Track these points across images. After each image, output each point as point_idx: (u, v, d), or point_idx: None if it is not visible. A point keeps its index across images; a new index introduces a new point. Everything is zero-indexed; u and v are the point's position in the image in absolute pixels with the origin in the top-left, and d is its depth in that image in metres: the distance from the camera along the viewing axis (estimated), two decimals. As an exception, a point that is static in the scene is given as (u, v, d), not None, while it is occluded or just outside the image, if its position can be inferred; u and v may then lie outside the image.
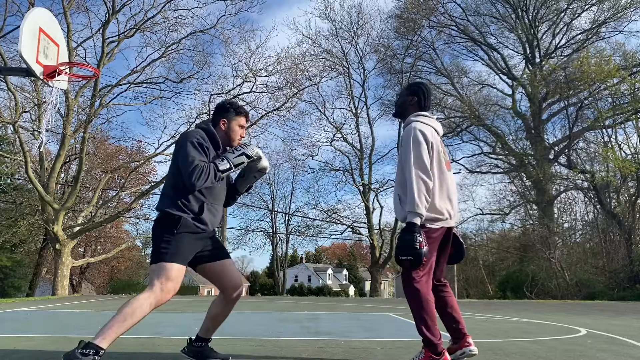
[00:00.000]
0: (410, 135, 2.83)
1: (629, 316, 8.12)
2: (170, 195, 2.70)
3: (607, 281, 20.18)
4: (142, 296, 2.49)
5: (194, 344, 2.91)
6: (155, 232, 2.69)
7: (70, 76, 6.56)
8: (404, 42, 28.58)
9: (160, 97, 19.85)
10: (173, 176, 2.74)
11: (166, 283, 2.53)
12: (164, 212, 2.69)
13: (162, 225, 2.66)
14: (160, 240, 2.61)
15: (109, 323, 2.40)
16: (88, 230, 19.57)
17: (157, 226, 2.71)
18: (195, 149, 2.65)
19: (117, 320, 2.41)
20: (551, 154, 26.48)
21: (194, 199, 2.70)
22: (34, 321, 5.77)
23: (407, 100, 3.04)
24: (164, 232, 2.62)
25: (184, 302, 10.39)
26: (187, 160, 2.62)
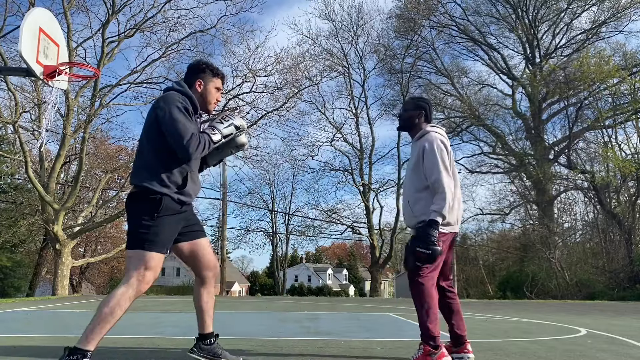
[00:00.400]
0: (434, 143, 3.02)
1: (629, 316, 8.12)
2: (150, 167, 2.47)
3: (607, 281, 20.18)
4: (118, 292, 2.34)
5: (201, 343, 2.73)
6: (132, 211, 2.46)
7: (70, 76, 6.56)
8: (404, 42, 28.61)
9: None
10: (151, 144, 2.50)
11: (144, 273, 2.38)
12: (141, 187, 2.45)
13: (140, 204, 2.44)
14: (138, 223, 2.41)
15: (90, 324, 2.30)
16: (88, 230, 19.57)
17: (133, 205, 2.47)
18: (184, 115, 2.46)
19: (98, 320, 2.29)
20: (551, 154, 26.50)
21: (179, 170, 2.51)
22: (34, 321, 5.77)
23: (414, 114, 3.21)
24: (143, 214, 2.41)
25: (184, 302, 10.39)
26: (179, 129, 2.41)
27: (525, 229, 27.49)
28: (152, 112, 2.53)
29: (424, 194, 3.01)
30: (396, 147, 28.37)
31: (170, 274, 46.04)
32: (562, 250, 24.21)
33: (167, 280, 43.57)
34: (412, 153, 3.20)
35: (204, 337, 2.73)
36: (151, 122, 2.52)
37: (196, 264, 2.71)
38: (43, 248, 24.93)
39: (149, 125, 2.53)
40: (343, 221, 29.23)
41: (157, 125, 2.48)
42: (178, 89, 2.61)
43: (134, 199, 2.49)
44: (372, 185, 28.10)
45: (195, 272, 2.75)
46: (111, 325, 2.33)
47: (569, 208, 26.70)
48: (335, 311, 8.22)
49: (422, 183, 3.03)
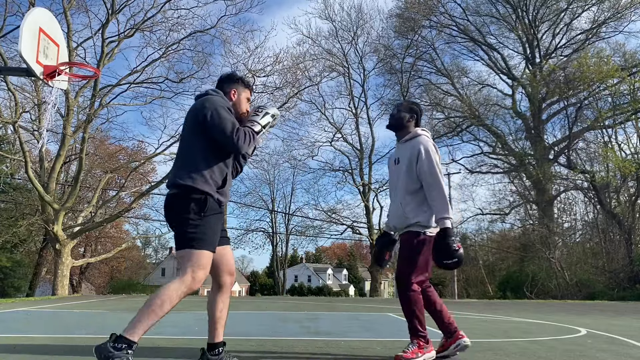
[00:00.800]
0: (429, 147, 3.14)
1: (629, 316, 8.12)
2: (193, 167, 2.52)
3: (607, 281, 20.18)
4: (172, 286, 2.38)
5: (210, 354, 2.67)
6: (177, 211, 2.50)
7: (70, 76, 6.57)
8: (404, 42, 28.62)
9: (160, 97, 19.87)
10: (195, 145, 2.57)
11: (197, 272, 2.42)
12: (186, 186, 2.49)
13: (185, 203, 2.48)
14: (186, 223, 2.45)
15: (138, 315, 2.31)
16: (88, 230, 19.57)
17: (179, 204, 2.50)
18: (229, 115, 2.59)
19: (147, 312, 2.31)
20: (551, 154, 26.50)
21: (219, 170, 2.59)
22: (34, 321, 5.76)
23: (406, 116, 3.31)
24: (190, 213, 2.45)
25: (183, 302, 10.37)
26: (227, 125, 2.53)
27: (525, 229, 27.51)
28: (196, 112, 2.60)
29: (414, 196, 3.11)
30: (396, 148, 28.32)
31: (171, 274, 46.04)
32: (562, 250, 24.22)
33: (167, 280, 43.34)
34: (401, 154, 3.28)
35: (213, 346, 2.69)
36: (195, 123, 2.59)
37: (218, 269, 2.72)
38: (43, 248, 24.92)
39: (192, 126, 2.61)
40: (343, 221, 29.25)
41: (202, 125, 2.55)
42: (216, 94, 2.72)
43: (178, 198, 2.52)
44: (372, 185, 28.10)
45: (215, 278, 2.75)
46: (158, 319, 2.35)
47: (569, 208, 26.74)
48: (335, 311, 8.22)
49: (414, 185, 3.12)
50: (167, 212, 2.57)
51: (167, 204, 2.58)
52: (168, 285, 2.39)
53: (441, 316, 3.21)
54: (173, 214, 2.53)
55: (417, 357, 3.00)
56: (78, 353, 3.26)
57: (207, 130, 2.54)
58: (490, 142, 29.02)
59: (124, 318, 6.23)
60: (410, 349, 3.01)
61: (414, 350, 3.01)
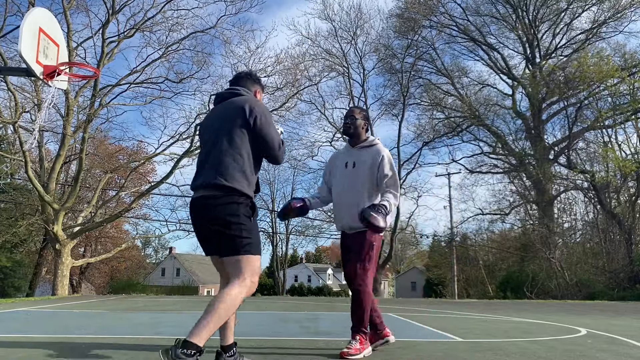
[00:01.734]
0: (389, 154, 3.46)
1: (629, 316, 8.12)
2: (239, 169, 2.48)
3: (607, 281, 20.18)
4: (234, 291, 2.35)
5: (226, 356, 2.65)
6: (225, 214, 2.42)
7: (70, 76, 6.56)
8: (404, 42, 28.60)
9: (160, 97, 19.87)
10: (240, 147, 2.50)
11: (254, 277, 2.43)
12: (233, 189, 2.44)
13: (233, 206, 2.43)
14: (237, 228, 2.42)
15: (204, 321, 2.27)
16: (88, 230, 19.56)
17: (225, 206, 2.43)
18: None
19: (214, 317, 2.28)
20: (551, 154, 26.50)
21: (256, 174, 2.59)
22: (34, 321, 5.76)
23: (364, 124, 3.54)
24: (240, 217, 2.43)
25: (183, 302, 10.39)
26: (276, 135, 2.55)
27: (525, 229, 27.50)
28: (243, 113, 2.54)
29: (373, 198, 3.36)
30: (396, 147, 28.35)
31: (170, 274, 46.03)
32: (562, 250, 24.20)
33: (167, 280, 43.57)
34: (358, 159, 3.45)
35: (228, 348, 2.67)
36: (242, 123, 2.53)
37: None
38: (43, 248, 24.91)
39: (237, 126, 2.53)
40: (343, 221, 29.14)
41: (248, 128, 2.52)
42: (249, 94, 2.73)
43: (222, 199, 2.45)
44: (372, 185, 28.04)
45: (226, 279, 2.70)
46: (222, 323, 2.37)
47: (568, 208, 26.73)
48: (335, 311, 8.22)
49: (374, 188, 3.38)
50: (207, 212, 2.48)
51: (206, 204, 2.48)
52: (229, 291, 2.36)
53: (375, 314, 3.49)
54: (217, 215, 2.44)
55: (360, 353, 3.18)
56: (78, 353, 3.26)
57: (255, 134, 2.52)
58: (490, 142, 29.05)
59: (125, 318, 6.23)
60: (355, 345, 3.19)
61: (357, 347, 3.19)
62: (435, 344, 3.97)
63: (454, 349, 3.68)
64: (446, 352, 3.51)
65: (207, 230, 2.52)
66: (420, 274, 47.53)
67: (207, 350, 3.44)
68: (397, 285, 52.67)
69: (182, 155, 18.42)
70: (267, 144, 2.55)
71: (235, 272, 2.41)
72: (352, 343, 3.21)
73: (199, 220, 2.54)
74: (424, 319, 6.63)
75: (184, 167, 19.33)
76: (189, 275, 43.94)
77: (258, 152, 2.58)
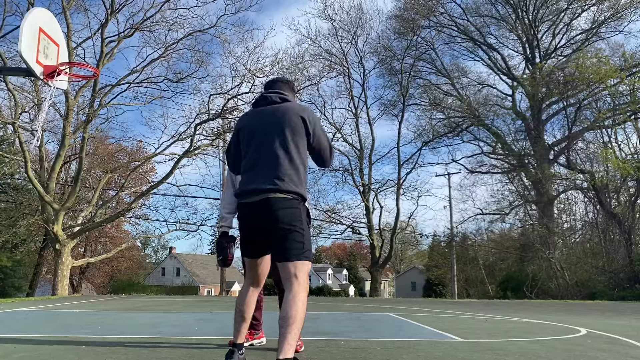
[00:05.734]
0: None
1: (629, 316, 8.13)
2: (298, 174, 2.50)
3: (607, 281, 20.19)
4: (301, 297, 2.36)
5: (239, 353, 2.66)
6: (290, 218, 2.42)
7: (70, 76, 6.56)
8: (403, 43, 28.60)
9: (160, 97, 19.86)
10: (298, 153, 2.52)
11: (308, 281, 2.49)
12: (298, 194, 2.46)
13: (296, 211, 2.45)
14: (300, 234, 2.43)
15: (290, 333, 2.25)
16: (88, 230, 19.56)
17: (291, 210, 2.43)
18: None
19: (297, 327, 2.29)
20: (551, 154, 26.51)
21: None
22: (34, 321, 5.76)
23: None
24: (302, 223, 2.45)
25: (183, 302, 10.39)
26: (329, 143, 2.61)
27: (524, 229, 27.51)
28: (302, 119, 2.58)
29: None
30: (396, 147, 28.37)
31: (170, 274, 46.03)
32: (562, 250, 24.21)
33: (167, 280, 43.56)
34: None
35: (240, 346, 2.70)
36: (304, 132, 2.57)
37: (264, 274, 2.77)
38: (43, 248, 24.90)
39: (299, 134, 2.56)
40: (343, 221, 29.21)
41: (306, 134, 2.57)
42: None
43: (288, 203, 2.44)
44: (372, 185, 28.10)
45: (257, 282, 2.76)
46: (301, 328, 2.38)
47: (568, 208, 26.74)
48: (335, 311, 8.22)
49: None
50: (272, 215, 2.44)
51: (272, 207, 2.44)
52: (297, 297, 2.35)
53: (259, 314, 3.76)
54: (283, 219, 2.42)
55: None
56: (78, 353, 3.26)
57: (313, 140, 2.57)
58: (490, 142, 29.07)
59: (125, 318, 6.23)
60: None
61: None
62: (435, 344, 3.97)
63: (454, 349, 3.68)
64: (446, 352, 3.51)
65: (264, 234, 2.51)
66: (420, 274, 47.53)
67: (209, 347, 3.44)
68: (397, 285, 52.67)
69: (182, 155, 18.41)
70: (322, 154, 2.63)
71: (295, 276, 2.41)
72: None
73: (259, 223, 2.50)
74: (424, 319, 6.63)
75: (183, 167, 19.33)
76: (189, 275, 43.93)
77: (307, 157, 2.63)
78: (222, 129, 19.06)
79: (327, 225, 30.15)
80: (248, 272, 2.73)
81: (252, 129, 2.65)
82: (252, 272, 2.72)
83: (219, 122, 19.11)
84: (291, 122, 2.56)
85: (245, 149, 2.65)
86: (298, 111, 2.61)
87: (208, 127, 18.98)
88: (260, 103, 2.75)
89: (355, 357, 3.29)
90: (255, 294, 2.75)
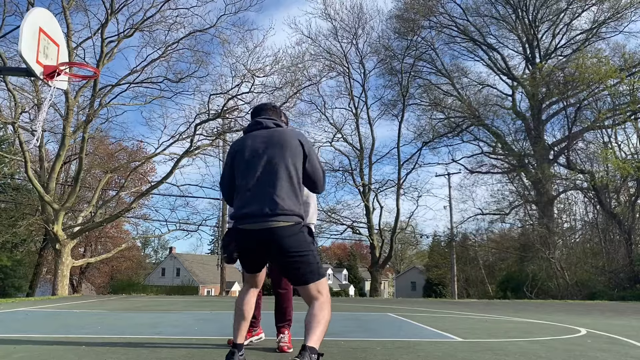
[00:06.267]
0: None
1: (629, 316, 8.13)
2: (297, 196, 2.58)
3: (607, 281, 20.19)
4: (328, 306, 2.55)
5: (239, 354, 2.64)
6: (300, 243, 2.51)
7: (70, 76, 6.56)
8: (403, 43, 28.59)
9: (160, 97, 19.86)
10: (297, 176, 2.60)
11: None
12: (301, 216, 2.56)
13: (303, 235, 2.54)
14: (312, 255, 2.53)
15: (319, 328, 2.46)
16: (88, 230, 19.56)
17: (300, 235, 2.52)
18: None
19: (325, 327, 2.50)
20: (551, 154, 26.51)
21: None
22: (34, 321, 5.76)
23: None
24: (311, 244, 2.56)
25: (183, 302, 10.39)
26: (322, 168, 2.72)
27: (525, 229, 27.52)
28: (300, 143, 2.65)
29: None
30: (396, 147, 28.36)
31: (170, 274, 46.03)
32: (562, 250, 24.21)
33: (167, 280, 43.55)
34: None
35: (239, 347, 2.68)
36: (301, 157, 2.63)
37: (262, 277, 2.87)
38: (43, 248, 24.90)
39: (298, 159, 2.63)
40: (343, 221, 29.20)
41: (305, 162, 2.65)
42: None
43: (296, 229, 2.52)
44: (372, 185, 28.09)
45: (257, 284, 2.84)
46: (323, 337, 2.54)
47: (568, 208, 26.74)
48: (335, 311, 8.21)
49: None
50: (279, 243, 2.49)
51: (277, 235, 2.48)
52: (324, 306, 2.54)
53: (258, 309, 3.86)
54: (291, 246, 2.49)
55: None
56: (78, 353, 3.26)
57: (308, 163, 2.64)
58: (490, 142, 29.06)
59: (125, 318, 6.23)
60: (287, 339, 3.56)
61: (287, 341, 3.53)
62: (435, 344, 3.97)
63: (454, 349, 3.68)
64: (446, 352, 3.51)
65: (266, 256, 2.64)
66: (420, 274, 47.51)
67: (209, 347, 3.44)
68: (397, 285, 52.65)
69: (182, 155, 18.41)
70: (315, 177, 2.68)
71: (319, 292, 2.54)
72: (285, 337, 3.57)
73: (261, 250, 2.58)
74: (424, 319, 6.63)
75: (183, 167, 19.33)
76: (189, 275, 43.92)
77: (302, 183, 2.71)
78: (222, 129, 19.06)
79: (327, 225, 30.15)
80: (247, 279, 2.80)
81: (251, 151, 2.66)
82: (252, 280, 2.80)
83: (219, 122, 19.12)
84: (289, 144, 2.62)
85: (242, 172, 2.66)
86: (296, 135, 2.70)
87: (208, 127, 19.00)
88: (255, 127, 2.78)
89: (355, 357, 3.29)
90: (255, 294, 2.81)
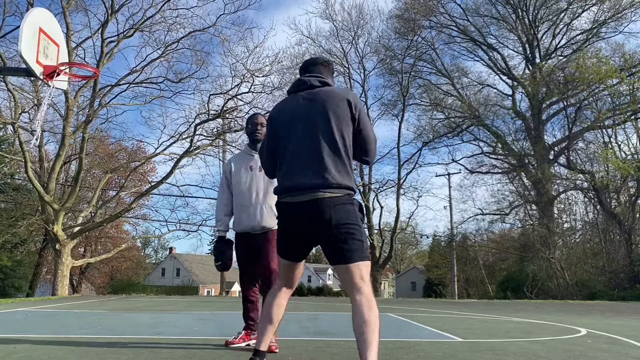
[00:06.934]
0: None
1: (629, 316, 8.13)
2: (347, 165, 2.23)
3: (607, 281, 20.19)
4: (373, 299, 2.24)
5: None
6: (348, 217, 2.17)
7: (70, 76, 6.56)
8: (404, 43, 28.60)
9: (159, 97, 19.87)
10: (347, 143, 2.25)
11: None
12: (350, 188, 2.21)
13: (352, 208, 2.20)
14: (358, 232, 2.18)
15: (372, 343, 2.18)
16: (88, 230, 19.56)
17: (348, 208, 2.18)
18: None
19: (376, 331, 2.22)
20: (551, 154, 26.51)
21: None
22: (34, 321, 5.76)
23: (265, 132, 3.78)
24: (358, 219, 2.20)
25: (183, 302, 10.39)
26: (373, 132, 2.33)
27: (525, 229, 27.52)
28: (351, 108, 2.28)
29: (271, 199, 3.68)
30: (396, 147, 28.37)
31: (170, 274, 46.04)
32: (562, 250, 24.21)
33: (167, 280, 43.57)
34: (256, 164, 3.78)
35: (261, 354, 2.38)
36: (350, 119, 2.27)
37: (296, 276, 2.50)
38: (43, 248, 24.90)
39: (346, 122, 2.27)
40: (343, 221, 29.14)
41: (354, 124, 2.29)
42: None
43: (343, 201, 2.19)
44: (372, 185, 28.10)
45: (289, 284, 2.48)
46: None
47: (568, 208, 26.74)
48: (335, 311, 8.22)
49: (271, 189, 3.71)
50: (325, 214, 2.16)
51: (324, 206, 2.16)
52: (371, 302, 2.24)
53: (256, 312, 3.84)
54: (339, 218, 2.16)
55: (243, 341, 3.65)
56: (78, 353, 3.26)
57: (357, 131, 2.29)
58: (490, 142, 29.07)
59: (125, 318, 6.23)
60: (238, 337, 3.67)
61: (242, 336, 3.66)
62: (435, 344, 3.97)
63: (454, 349, 3.68)
64: (446, 352, 3.51)
65: (311, 236, 2.26)
66: (420, 274, 47.52)
67: (209, 347, 3.44)
68: (397, 285, 52.65)
69: (182, 155, 18.42)
70: (366, 141, 2.31)
71: (362, 278, 2.21)
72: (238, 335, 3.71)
73: (306, 225, 2.23)
74: (424, 319, 6.63)
75: (183, 167, 19.33)
76: (189, 275, 43.93)
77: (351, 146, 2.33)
78: (222, 129, 19.06)
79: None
80: (283, 273, 2.43)
81: (290, 117, 2.35)
82: (289, 274, 2.43)
83: (219, 122, 19.13)
84: (335, 106, 2.26)
85: (282, 139, 2.35)
86: (344, 95, 2.30)
87: (208, 127, 19.02)
88: (299, 87, 2.42)
89: (355, 357, 3.29)
90: (287, 296, 2.47)
